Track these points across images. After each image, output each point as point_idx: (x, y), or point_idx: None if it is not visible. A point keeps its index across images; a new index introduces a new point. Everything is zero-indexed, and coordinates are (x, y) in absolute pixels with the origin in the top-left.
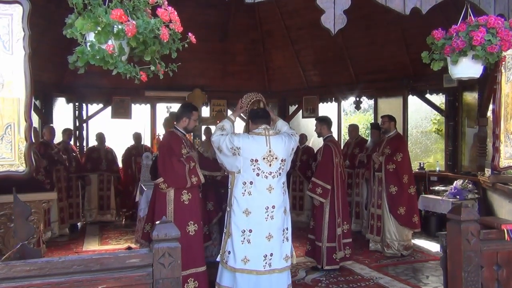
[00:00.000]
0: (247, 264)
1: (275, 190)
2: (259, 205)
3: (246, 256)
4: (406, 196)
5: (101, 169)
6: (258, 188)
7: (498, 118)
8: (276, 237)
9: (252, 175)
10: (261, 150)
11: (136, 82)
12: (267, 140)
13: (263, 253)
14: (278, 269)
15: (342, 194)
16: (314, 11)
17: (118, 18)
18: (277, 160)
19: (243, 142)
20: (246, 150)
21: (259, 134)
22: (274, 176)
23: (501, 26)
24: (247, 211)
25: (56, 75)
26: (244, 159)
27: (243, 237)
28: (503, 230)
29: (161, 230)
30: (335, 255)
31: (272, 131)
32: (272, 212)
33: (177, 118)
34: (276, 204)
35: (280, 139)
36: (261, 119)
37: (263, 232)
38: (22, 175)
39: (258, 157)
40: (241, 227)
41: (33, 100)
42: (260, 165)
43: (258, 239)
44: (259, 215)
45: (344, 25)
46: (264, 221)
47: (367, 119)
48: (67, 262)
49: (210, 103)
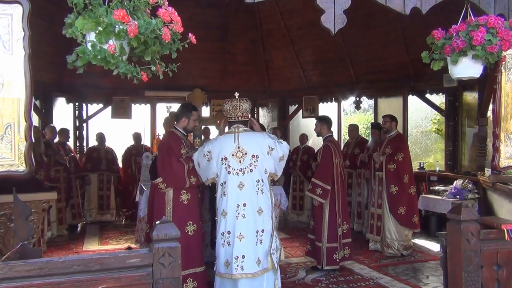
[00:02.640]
0: (228, 268)
1: (246, 187)
2: (232, 204)
3: (228, 259)
4: (407, 196)
5: (101, 169)
6: (230, 187)
7: (498, 118)
8: (248, 238)
9: (224, 174)
10: (229, 147)
11: (135, 82)
12: (235, 136)
13: (235, 255)
14: (251, 274)
15: (342, 194)
16: (314, 11)
17: (120, 19)
18: (247, 156)
19: (211, 145)
20: (215, 150)
21: (229, 132)
22: (244, 173)
23: (501, 26)
24: (224, 212)
25: (56, 75)
26: (216, 160)
27: (223, 240)
28: (503, 230)
29: (161, 230)
30: (335, 255)
31: (242, 129)
32: (243, 211)
33: (177, 118)
34: (248, 202)
35: (252, 135)
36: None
37: (236, 232)
38: (22, 175)
39: (227, 155)
40: (221, 229)
41: (33, 100)
42: (230, 162)
43: (232, 240)
44: (232, 214)
45: (344, 25)
46: (235, 220)
47: (367, 119)
48: (67, 262)
49: (210, 103)
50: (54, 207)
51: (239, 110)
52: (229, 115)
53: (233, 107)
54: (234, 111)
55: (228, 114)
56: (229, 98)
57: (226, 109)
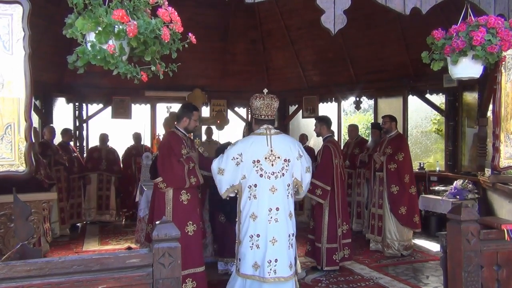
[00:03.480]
0: (257, 270)
1: (278, 191)
2: (263, 207)
3: (257, 261)
4: (407, 196)
5: (100, 169)
6: (261, 190)
7: (498, 118)
8: (280, 242)
9: (255, 177)
10: (262, 150)
11: (135, 82)
12: (268, 139)
13: (268, 259)
14: (284, 278)
15: (342, 195)
16: (314, 11)
17: (119, 19)
18: (280, 160)
19: (242, 146)
20: (247, 152)
21: (260, 134)
22: (277, 177)
23: (501, 26)
24: (254, 215)
25: (56, 75)
26: (246, 162)
27: (251, 242)
28: (503, 230)
29: (161, 230)
30: (335, 256)
31: (274, 130)
32: (276, 215)
33: (178, 118)
34: (280, 206)
35: (284, 138)
36: (263, 120)
37: (268, 236)
38: (22, 175)
39: (260, 157)
40: (249, 232)
41: (33, 100)
42: (263, 165)
43: (264, 244)
44: (264, 218)
45: (344, 25)
46: (268, 224)
47: (367, 119)
48: (67, 262)
49: (210, 103)
50: (56, 206)
51: (270, 109)
52: (259, 112)
53: (266, 105)
54: (265, 110)
55: (258, 111)
56: (257, 94)
57: (257, 106)
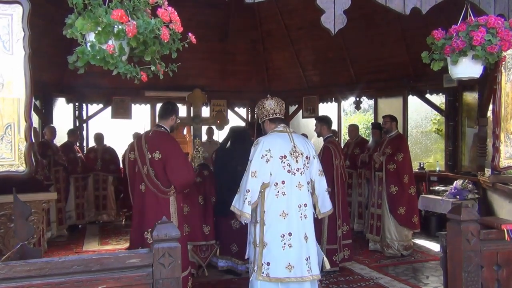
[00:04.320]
0: (292, 271)
1: (304, 187)
2: (294, 204)
3: (290, 262)
4: (407, 196)
5: (95, 169)
6: (290, 186)
7: (498, 118)
8: (311, 239)
9: (283, 173)
10: (287, 146)
11: (136, 82)
12: (290, 136)
13: (305, 256)
14: (316, 275)
15: (342, 195)
16: (314, 11)
17: (119, 19)
18: (302, 157)
19: (270, 142)
20: (276, 148)
21: (281, 131)
22: (302, 173)
23: (501, 26)
24: (284, 213)
25: (56, 75)
26: (275, 158)
27: (283, 242)
28: (503, 230)
29: (161, 230)
30: (335, 257)
31: (292, 129)
32: (305, 211)
33: (165, 116)
34: (307, 202)
35: (301, 137)
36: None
37: (300, 233)
38: (22, 175)
39: (286, 153)
40: (280, 231)
41: (33, 100)
42: (289, 161)
43: (298, 242)
44: (295, 215)
45: (344, 25)
46: (299, 221)
47: (367, 119)
48: (67, 262)
49: (210, 103)
50: (54, 207)
51: (282, 107)
52: (273, 111)
53: (278, 103)
54: (279, 107)
55: (272, 110)
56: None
57: (271, 105)
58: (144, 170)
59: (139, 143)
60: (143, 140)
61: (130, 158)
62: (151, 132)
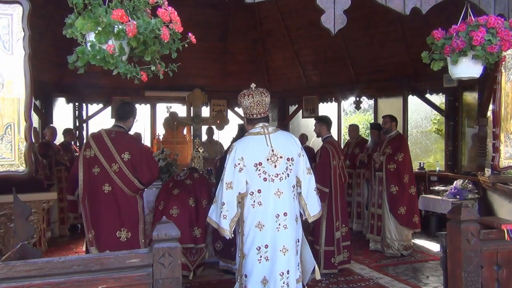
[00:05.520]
0: (266, 286)
1: (284, 194)
2: (270, 214)
3: (265, 276)
4: (407, 196)
5: None
6: (266, 195)
7: (498, 118)
8: (290, 251)
9: (259, 181)
10: (263, 151)
11: (136, 82)
12: (267, 138)
13: (280, 271)
14: None
15: (341, 196)
16: (314, 11)
17: (119, 18)
18: (283, 159)
19: (242, 149)
20: (249, 155)
21: (257, 133)
22: (281, 178)
23: (501, 26)
24: (260, 224)
25: (56, 75)
26: (249, 166)
27: (259, 255)
28: (503, 230)
29: (161, 230)
30: (333, 259)
31: (271, 128)
32: (284, 221)
33: (125, 117)
34: (288, 210)
35: (283, 135)
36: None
37: (277, 246)
38: (22, 175)
39: (262, 159)
40: (256, 243)
41: (33, 100)
42: (266, 168)
43: (274, 255)
44: (271, 225)
45: (344, 25)
46: (276, 232)
47: (367, 119)
48: (67, 262)
49: (210, 103)
50: (55, 207)
51: (262, 106)
52: (250, 112)
53: (256, 103)
54: (257, 107)
55: (249, 111)
56: (245, 91)
57: (246, 105)
58: (114, 168)
59: (100, 141)
60: (105, 139)
61: (86, 155)
62: (114, 133)
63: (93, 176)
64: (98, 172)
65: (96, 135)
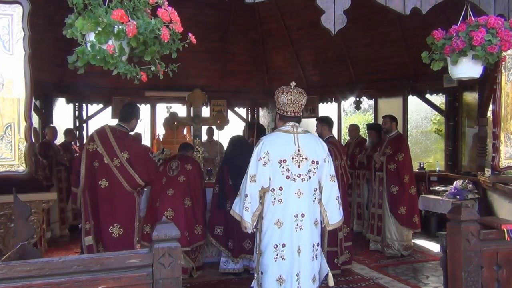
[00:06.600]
0: (282, 285)
1: (304, 195)
2: (290, 213)
3: (281, 275)
4: (407, 196)
5: None
6: (287, 193)
7: (498, 118)
8: (304, 252)
9: (281, 178)
10: (289, 149)
11: (136, 82)
12: (295, 138)
13: (296, 271)
14: None
15: (343, 197)
16: (314, 11)
17: (119, 19)
18: (307, 161)
19: (269, 143)
20: (275, 150)
21: (287, 131)
22: (303, 179)
23: (501, 26)
24: (279, 222)
25: (56, 75)
26: (273, 162)
27: (276, 253)
28: (503, 230)
29: (161, 230)
30: (336, 259)
31: (301, 129)
32: (301, 222)
33: (128, 118)
34: (306, 212)
35: (311, 138)
36: (290, 116)
37: (294, 245)
38: (22, 175)
39: (286, 157)
40: (274, 241)
41: (33, 100)
42: (289, 166)
43: (290, 254)
44: (290, 225)
45: (344, 25)
46: (293, 232)
47: (367, 119)
48: (67, 262)
49: (210, 103)
50: (56, 207)
51: (297, 106)
52: (285, 109)
53: (294, 101)
54: (292, 106)
55: (284, 107)
56: (284, 87)
57: (283, 101)
58: (115, 163)
59: (104, 136)
60: (109, 134)
61: (89, 149)
62: (118, 131)
63: (93, 169)
64: (97, 166)
65: (100, 130)
